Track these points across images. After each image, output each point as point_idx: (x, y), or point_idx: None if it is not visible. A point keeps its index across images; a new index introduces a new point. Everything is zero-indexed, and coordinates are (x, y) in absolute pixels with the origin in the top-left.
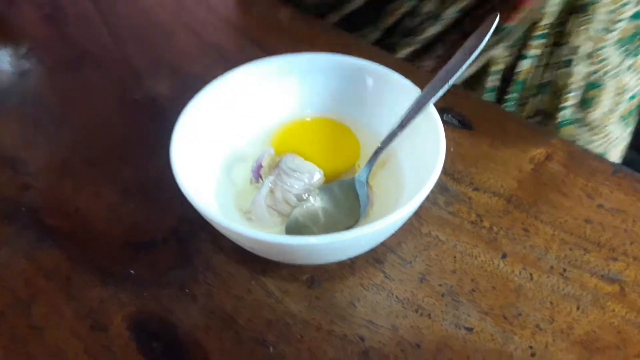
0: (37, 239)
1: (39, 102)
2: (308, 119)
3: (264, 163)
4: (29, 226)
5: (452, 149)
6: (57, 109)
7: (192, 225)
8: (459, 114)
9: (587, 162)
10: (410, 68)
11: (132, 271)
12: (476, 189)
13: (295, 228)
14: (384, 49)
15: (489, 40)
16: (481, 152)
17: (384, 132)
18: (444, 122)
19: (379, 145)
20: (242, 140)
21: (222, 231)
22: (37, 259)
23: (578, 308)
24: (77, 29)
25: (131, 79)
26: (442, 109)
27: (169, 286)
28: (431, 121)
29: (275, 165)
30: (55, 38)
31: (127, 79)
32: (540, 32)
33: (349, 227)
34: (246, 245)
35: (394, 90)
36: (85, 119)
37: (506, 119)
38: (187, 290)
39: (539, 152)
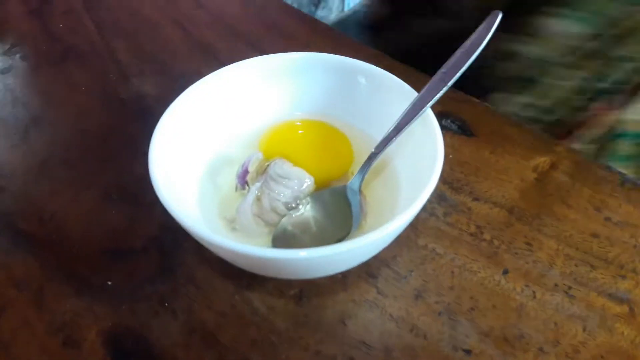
0: (9, 245)
1: (19, 101)
2: (298, 122)
3: (251, 168)
4: (1, 231)
5: (450, 156)
6: (38, 108)
7: (175, 234)
8: (458, 119)
9: (593, 171)
10: (406, 69)
11: (109, 282)
12: (476, 199)
13: (283, 239)
14: None
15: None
16: (482, 159)
17: (378, 137)
18: (443, 128)
19: (373, 151)
20: (228, 143)
21: (201, 242)
22: (8, 266)
23: (584, 330)
24: (63, 23)
25: (117, 77)
26: (440, 113)
27: (147, 299)
28: (428, 126)
29: (262, 171)
30: (40, 33)
31: (113, 76)
32: None
33: (340, 239)
34: (228, 258)
35: (389, 92)
36: (66, 117)
37: (508, 125)
38: (166, 305)
39: (543, 161)
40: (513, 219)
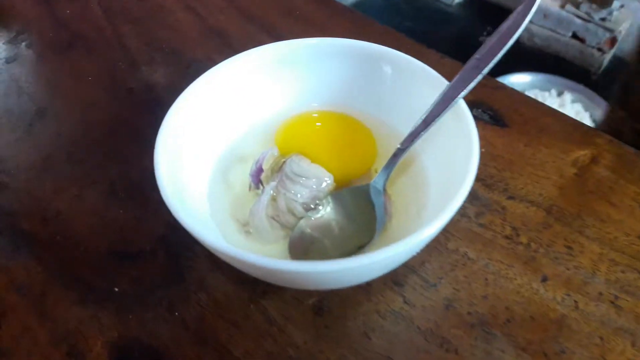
0: (10, 247)
1: (24, 91)
2: (316, 114)
3: (265, 165)
4: (2, 232)
5: (483, 149)
6: (43, 99)
7: (185, 235)
8: (490, 109)
9: (639, 165)
10: (435, 55)
11: (115, 288)
12: (511, 197)
13: (300, 244)
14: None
15: None
16: (516, 153)
17: (405, 131)
18: (473, 118)
19: (399, 147)
20: (241, 137)
21: (209, 249)
22: (10, 270)
23: (633, 345)
24: (70, 9)
25: (125, 65)
26: (471, 102)
27: (156, 307)
28: (461, 118)
29: (278, 169)
30: (46, 19)
31: (121, 65)
32: None
33: (363, 245)
34: (241, 268)
35: (417, 81)
36: (72, 109)
37: (544, 114)
38: (176, 313)
39: (583, 154)
40: (551, 219)
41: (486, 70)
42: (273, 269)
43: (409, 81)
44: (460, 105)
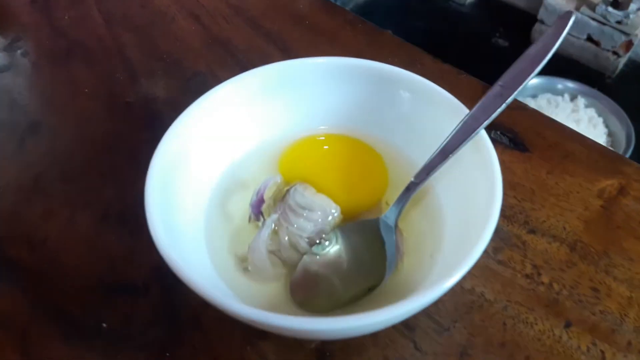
0: None
1: (17, 104)
2: (323, 137)
3: (267, 195)
4: None
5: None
6: (37, 112)
7: None
8: (509, 131)
9: None
10: (452, 71)
11: (103, 324)
12: (532, 231)
13: (303, 284)
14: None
15: None
16: (538, 181)
17: (419, 159)
18: (491, 141)
19: (413, 180)
20: (243, 161)
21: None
22: None
23: None
24: (69, 15)
25: (124, 77)
26: (488, 124)
27: (147, 347)
28: (482, 151)
29: (281, 198)
30: (44, 26)
31: (120, 77)
32: None
33: (372, 287)
34: (230, 315)
35: (436, 107)
36: (67, 124)
37: (569, 139)
38: (168, 354)
39: (609, 184)
40: (576, 257)
41: (510, 99)
42: (267, 323)
43: (426, 107)
44: (482, 137)
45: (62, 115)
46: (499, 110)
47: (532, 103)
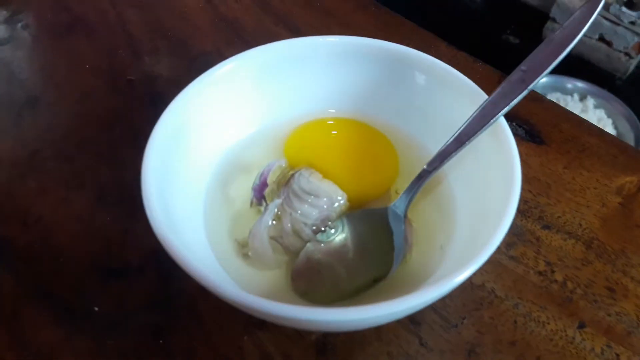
0: None
1: (15, 78)
2: (332, 121)
3: (270, 179)
4: None
5: None
6: (36, 87)
7: None
8: (526, 122)
9: None
10: (467, 59)
11: (95, 308)
12: (547, 227)
13: (305, 273)
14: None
15: None
16: (554, 175)
17: (432, 147)
18: None
19: (425, 168)
20: (247, 143)
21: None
22: None
23: None
24: None
25: (127, 53)
26: (504, 115)
27: (139, 333)
28: (501, 139)
29: (285, 182)
30: (46, 0)
31: (122, 53)
32: None
33: (378, 278)
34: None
35: (451, 92)
36: (66, 100)
37: (587, 133)
38: (161, 341)
39: (629, 181)
40: (592, 255)
41: (533, 85)
42: (265, 311)
43: (442, 91)
44: (501, 124)
45: (62, 91)
46: (521, 96)
47: None
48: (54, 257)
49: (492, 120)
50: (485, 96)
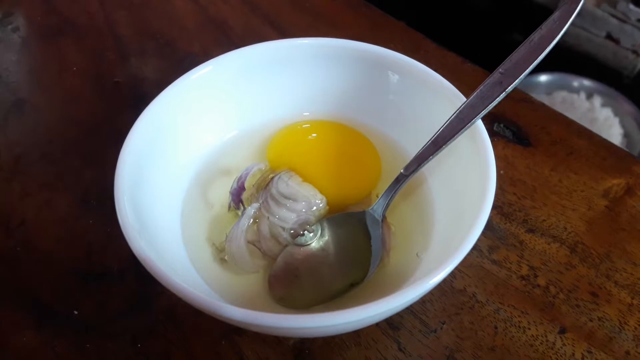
0: None
1: (3, 80)
2: (314, 124)
3: (249, 183)
4: None
5: (502, 172)
6: (23, 89)
7: None
8: (513, 124)
9: None
10: (456, 59)
11: (75, 312)
12: (531, 230)
13: (282, 277)
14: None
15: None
16: (540, 178)
17: (412, 149)
18: (493, 134)
19: (402, 172)
20: (226, 147)
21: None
22: None
23: None
24: None
25: (114, 55)
26: (491, 115)
27: (118, 337)
28: (477, 142)
29: (264, 186)
30: (36, 2)
31: (110, 55)
32: None
33: (355, 282)
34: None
35: (429, 93)
36: (52, 102)
37: (575, 135)
38: (139, 345)
39: (616, 183)
40: (576, 259)
41: (510, 88)
42: (239, 319)
43: (419, 92)
44: (478, 127)
45: (48, 94)
46: (498, 99)
47: (546, 100)
48: (35, 261)
49: (469, 124)
50: (463, 98)
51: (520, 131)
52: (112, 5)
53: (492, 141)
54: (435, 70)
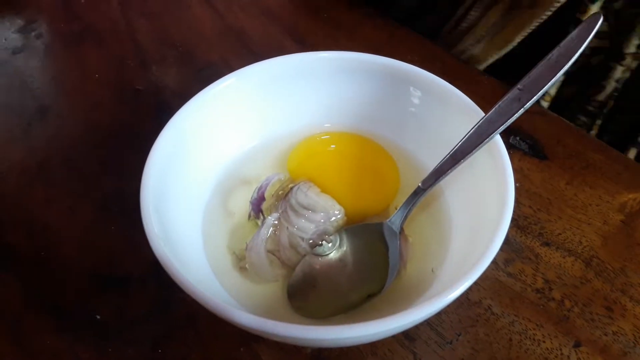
0: None
1: (27, 87)
2: (335, 136)
3: (269, 193)
4: None
5: (518, 184)
6: (46, 96)
7: None
8: (529, 137)
9: None
10: (473, 72)
11: (97, 316)
12: (546, 244)
13: (301, 286)
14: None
15: None
16: (556, 191)
17: (429, 164)
18: (510, 147)
19: (420, 185)
20: (247, 157)
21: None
22: None
23: None
24: None
25: (135, 63)
26: (507, 128)
27: (138, 342)
28: (496, 158)
29: (284, 197)
30: (60, 8)
31: (130, 63)
32: None
33: (372, 293)
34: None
35: (448, 109)
36: (74, 109)
37: (591, 149)
38: (159, 351)
39: (632, 198)
40: (591, 273)
41: (529, 104)
42: (258, 328)
43: (439, 107)
44: (496, 142)
45: (71, 101)
46: (516, 115)
47: None
48: (57, 266)
49: (487, 139)
50: (482, 114)
51: (536, 144)
52: (133, 12)
53: (508, 154)
54: (451, 81)
